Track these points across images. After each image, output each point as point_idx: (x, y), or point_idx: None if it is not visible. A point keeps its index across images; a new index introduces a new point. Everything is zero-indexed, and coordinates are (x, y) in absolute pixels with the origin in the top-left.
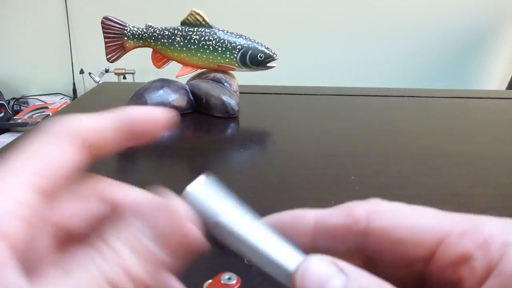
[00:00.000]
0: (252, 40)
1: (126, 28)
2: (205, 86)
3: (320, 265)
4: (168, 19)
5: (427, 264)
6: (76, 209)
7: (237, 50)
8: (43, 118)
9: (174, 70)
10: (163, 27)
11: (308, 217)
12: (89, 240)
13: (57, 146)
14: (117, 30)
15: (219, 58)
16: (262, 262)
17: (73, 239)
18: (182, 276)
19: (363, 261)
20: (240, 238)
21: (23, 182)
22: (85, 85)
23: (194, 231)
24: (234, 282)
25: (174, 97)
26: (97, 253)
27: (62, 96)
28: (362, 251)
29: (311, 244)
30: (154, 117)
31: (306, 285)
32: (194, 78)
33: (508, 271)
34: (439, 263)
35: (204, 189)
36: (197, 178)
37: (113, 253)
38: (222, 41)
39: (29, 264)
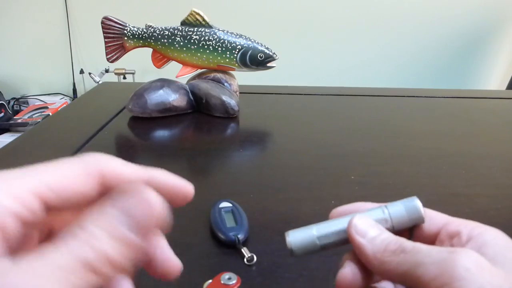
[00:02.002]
0: (252, 40)
1: (126, 28)
2: (205, 86)
3: (365, 220)
4: (168, 19)
5: (435, 238)
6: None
7: (237, 50)
8: (43, 118)
9: (174, 70)
10: (163, 27)
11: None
12: (68, 228)
13: (74, 172)
14: (117, 30)
15: (219, 58)
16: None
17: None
18: (182, 276)
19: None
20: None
21: (28, 186)
22: (85, 85)
23: (164, 218)
24: (234, 282)
25: (174, 97)
26: (74, 237)
27: (62, 96)
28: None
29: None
30: (180, 190)
31: (357, 231)
32: (194, 78)
33: (479, 240)
34: (442, 237)
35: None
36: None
37: (90, 237)
38: (222, 41)
39: (17, 252)
